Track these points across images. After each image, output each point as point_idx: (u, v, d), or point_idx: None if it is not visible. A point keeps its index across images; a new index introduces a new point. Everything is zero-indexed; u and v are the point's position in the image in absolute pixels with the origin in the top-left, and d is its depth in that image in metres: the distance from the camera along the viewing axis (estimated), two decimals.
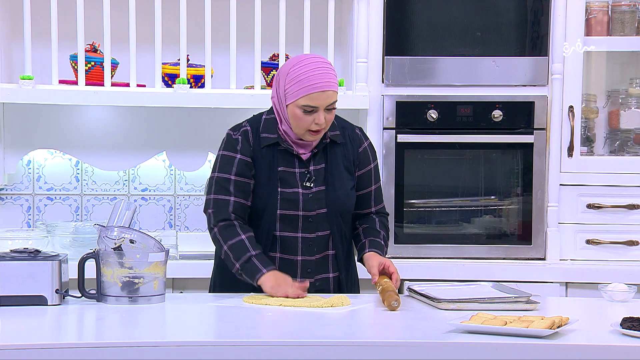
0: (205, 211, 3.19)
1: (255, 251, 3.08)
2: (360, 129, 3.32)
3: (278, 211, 3.14)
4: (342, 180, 3.21)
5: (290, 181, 3.16)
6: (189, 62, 4.16)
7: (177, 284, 3.93)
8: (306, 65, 3.08)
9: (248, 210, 3.18)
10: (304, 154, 3.18)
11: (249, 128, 3.19)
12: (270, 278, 3.03)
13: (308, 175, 3.17)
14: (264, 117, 3.22)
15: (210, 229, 3.17)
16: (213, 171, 3.20)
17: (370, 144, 3.31)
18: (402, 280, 3.42)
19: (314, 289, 3.14)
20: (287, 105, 3.10)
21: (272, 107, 3.22)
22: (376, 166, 3.31)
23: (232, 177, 3.15)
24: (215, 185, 3.17)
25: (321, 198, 3.17)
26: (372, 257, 3.17)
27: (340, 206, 3.20)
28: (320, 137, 3.16)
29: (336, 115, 3.23)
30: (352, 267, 3.31)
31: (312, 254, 3.19)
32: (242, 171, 3.15)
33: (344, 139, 3.24)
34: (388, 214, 3.38)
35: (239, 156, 3.16)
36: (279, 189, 3.14)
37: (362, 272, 3.31)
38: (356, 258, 3.28)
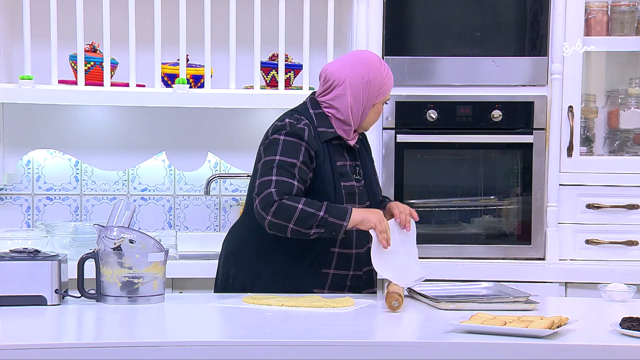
0: (259, 193, 3.03)
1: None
2: None
3: (344, 204, 3.14)
4: (374, 173, 3.34)
5: (347, 175, 3.20)
6: (189, 62, 4.16)
7: (177, 284, 3.93)
8: (383, 64, 3.22)
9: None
10: (356, 146, 3.26)
11: (307, 121, 3.15)
12: (360, 211, 3.05)
13: (357, 168, 3.25)
14: (312, 111, 3.19)
15: (273, 203, 3.00)
16: (272, 154, 3.08)
17: None
18: None
19: (362, 281, 3.23)
20: (374, 104, 3.20)
21: (310, 103, 3.21)
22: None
23: (298, 163, 3.07)
24: (278, 167, 3.05)
25: (364, 191, 3.26)
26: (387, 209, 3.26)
27: (377, 198, 3.30)
28: None
29: None
30: None
31: (363, 246, 3.22)
32: (306, 161, 3.10)
33: (362, 135, 3.35)
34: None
35: (304, 145, 3.10)
36: (342, 183, 3.17)
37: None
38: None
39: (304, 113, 3.18)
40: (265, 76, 4.25)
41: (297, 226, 3.01)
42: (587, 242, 4.15)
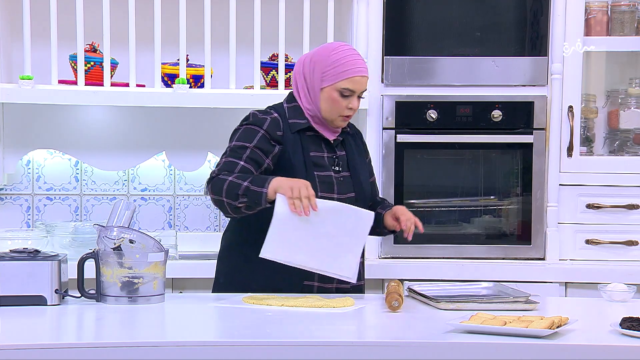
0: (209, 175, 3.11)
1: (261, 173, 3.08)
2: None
3: (318, 194, 3.13)
4: (362, 167, 3.30)
5: (323, 165, 3.20)
6: (189, 62, 4.16)
7: (177, 284, 3.93)
8: (346, 51, 3.17)
9: None
10: (339, 139, 3.26)
11: (276, 114, 3.20)
12: (282, 179, 3.00)
13: (336, 159, 3.23)
14: (285, 105, 3.24)
15: (211, 179, 3.07)
16: (229, 142, 3.18)
17: None
18: (402, 280, 3.41)
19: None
20: (322, 89, 3.15)
21: (286, 99, 3.25)
22: (370, 160, 3.42)
23: (250, 146, 3.11)
24: (230, 151, 3.13)
25: (348, 183, 3.23)
26: (385, 216, 3.23)
27: (365, 191, 3.27)
28: (347, 123, 3.26)
29: None
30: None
31: None
32: (261, 145, 3.12)
33: (353, 130, 3.35)
34: None
35: (262, 132, 3.14)
36: (315, 173, 3.17)
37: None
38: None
39: (277, 107, 3.24)
40: (265, 76, 4.25)
41: (228, 198, 3.00)
42: (587, 242, 4.15)
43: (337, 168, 3.23)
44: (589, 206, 4.16)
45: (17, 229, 4.31)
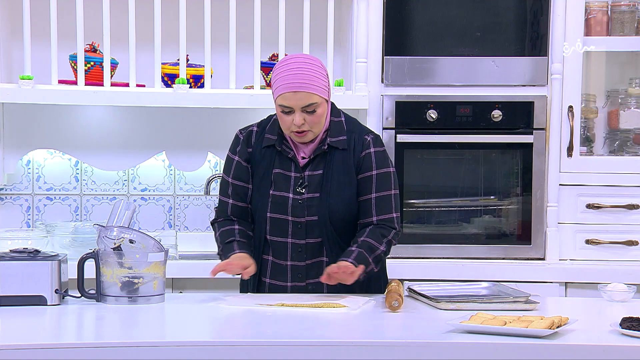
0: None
1: (241, 239, 3.14)
2: (374, 137, 3.18)
3: (268, 214, 3.13)
4: (340, 187, 3.11)
5: (283, 185, 3.13)
6: (189, 62, 4.17)
7: (177, 284, 3.93)
8: (286, 65, 3.05)
9: (248, 210, 3.20)
10: (304, 158, 3.14)
11: (255, 128, 3.21)
12: (234, 257, 3.08)
13: (301, 181, 3.13)
14: (274, 117, 3.18)
15: (212, 224, 3.27)
16: (223, 170, 3.28)
17: (379, 152, 3.14)
18: (402, 280, 3.41)
19: (307, 292, 3.14)
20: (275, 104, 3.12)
21: None
22: (382, 174, 3.13)
23: (230, 180, 3.20)
24: (220, 184, 3.26)
25: (313, 205, 3.11)
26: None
27: (332, 214, 3.10)
28: (308, 139, 3.09)
29: (349, 119, 3.18)
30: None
31: (302, 259, 3.14)
32: (238, 175, 3.19)
33: (347, 145, 3.13)
34: (395, 229, 3.14)
35: (236, 159, 3.20)
36: (271, 192, 3.13)
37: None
38: None
39: (267, 118, 3.23)
40: (265, 76, 4.25)
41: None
42: (587, 242, 4.15)
43: (300, 190, 3.12)
44: (589, 206, 4.16)
45: (17, 229, 4.31)
